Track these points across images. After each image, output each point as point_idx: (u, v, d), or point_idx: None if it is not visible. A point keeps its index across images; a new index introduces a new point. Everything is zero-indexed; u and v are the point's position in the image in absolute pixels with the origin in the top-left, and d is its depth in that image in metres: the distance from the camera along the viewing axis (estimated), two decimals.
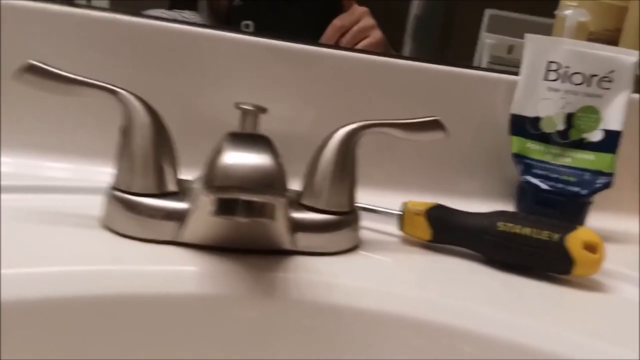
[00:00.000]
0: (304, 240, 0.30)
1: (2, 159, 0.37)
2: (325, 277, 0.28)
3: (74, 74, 0.28)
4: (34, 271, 0.24)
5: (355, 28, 0.48)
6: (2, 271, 0.23)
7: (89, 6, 0.40)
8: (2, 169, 0.36)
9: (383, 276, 0.30)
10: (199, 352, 0.26)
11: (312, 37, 0.47)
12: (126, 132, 0.29)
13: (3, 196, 0.32)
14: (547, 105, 0.43)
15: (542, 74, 0.43)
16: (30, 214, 0.30)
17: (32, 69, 0.27)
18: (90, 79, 0.29)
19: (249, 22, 0.46)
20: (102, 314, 0.25)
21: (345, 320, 0.27)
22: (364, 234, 0.34)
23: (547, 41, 0.43)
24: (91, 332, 0.24)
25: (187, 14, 0.50)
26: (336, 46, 0.46)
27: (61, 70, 0.28)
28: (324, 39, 0.48)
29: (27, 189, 0.34)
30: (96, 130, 0.40)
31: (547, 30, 0.48)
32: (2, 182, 0.33)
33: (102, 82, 0.29)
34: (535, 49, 0.43)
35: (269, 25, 0.47)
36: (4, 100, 0.39)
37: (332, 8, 0.48)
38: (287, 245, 0.30)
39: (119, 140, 0.30)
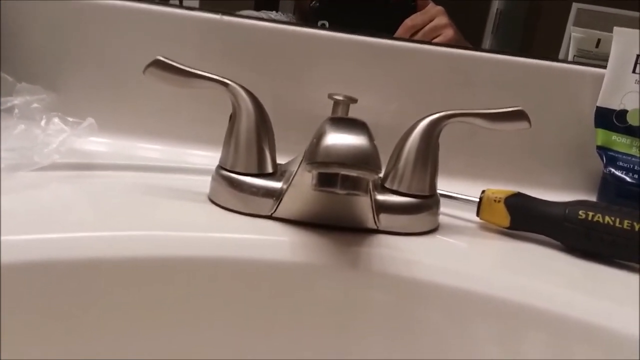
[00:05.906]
0: (386, 220, 0.32)
1: (102, 139, 0.41)
2: (405, 254, 0.30)
3: (192, 68, 0.31)
4: (148, 234, 0.28)
5: (427, 27, 0.47)
6: (124, 233, 0.27)
7: (196, 8, 0.43)
8: (104, 149, 0.41)
9: (461, 257, 0.31)
10: (288, 311, 0.29)
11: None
12: (234, 119, 0.32)
13: (122, 172, 0.37)
14: (634, 98, 0.42)
15: (630, 67, 0.42)
16: (147, 189, 0.34)
17: (158, 64, 0.30)
18: (205, 72, 0.31)
19: (324, 22, 0.48)
20: (204, 274, 0.27)
21: (423, 294, 0.28)
22: (442, 219, 0.35)
23: (636, 35, 0.42)
24: (194, 288, 0.28)
25: (274, 15, 0.52)
26: (420, 41, 0.46)
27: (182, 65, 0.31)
28: None
29: (139, 167, 0.38)
30: (182, 118, 0.43)
31: (636, 24, 0.47)
32: (123, 161, 0.38)
33: (216, 76, 0.31)
34: (624, 42, 0.42)
35: (343, 25, 0.47)
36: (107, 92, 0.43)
37: (405, 8, 0.47)
38: (370, 224, 0.31)
39: (228, 126, 0.33)
